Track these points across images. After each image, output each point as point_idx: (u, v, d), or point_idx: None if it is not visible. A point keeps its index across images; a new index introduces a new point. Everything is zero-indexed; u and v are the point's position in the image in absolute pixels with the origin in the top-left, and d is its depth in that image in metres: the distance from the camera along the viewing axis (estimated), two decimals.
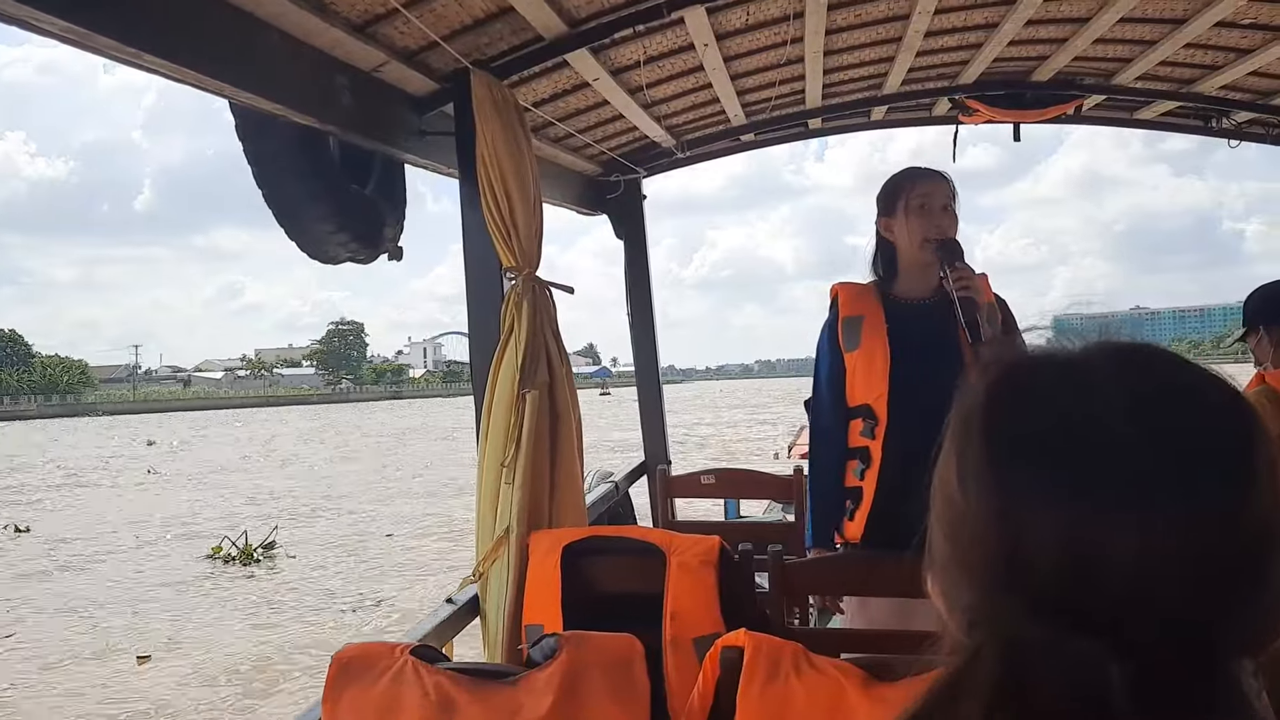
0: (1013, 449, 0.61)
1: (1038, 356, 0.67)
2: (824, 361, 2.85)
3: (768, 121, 4.52)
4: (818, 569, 2.72)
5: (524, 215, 2.80)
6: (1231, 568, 0.56)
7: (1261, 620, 0.58)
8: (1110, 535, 0.56)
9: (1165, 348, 0.65)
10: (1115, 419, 0.59)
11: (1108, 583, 0.55)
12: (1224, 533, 0.56)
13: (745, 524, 5.50)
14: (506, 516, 2.78)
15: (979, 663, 0.59)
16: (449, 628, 2.64)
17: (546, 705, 1.71)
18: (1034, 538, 0.57)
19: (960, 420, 0.66)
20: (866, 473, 2.73)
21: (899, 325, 2.75)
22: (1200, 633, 0.56)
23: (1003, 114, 4.29)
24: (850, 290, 2.86)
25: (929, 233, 2.71)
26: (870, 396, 2.73)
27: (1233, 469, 0.58)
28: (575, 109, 3.75)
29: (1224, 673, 0.57)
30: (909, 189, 2.76)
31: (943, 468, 0.66)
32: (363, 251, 2.97)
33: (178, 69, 2.01)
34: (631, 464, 5.02)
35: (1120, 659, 0.54)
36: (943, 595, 0.67)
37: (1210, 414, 0.60)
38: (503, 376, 2.82)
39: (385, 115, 2.86)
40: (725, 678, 1.68)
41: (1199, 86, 4.09)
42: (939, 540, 0.66)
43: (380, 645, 1.87)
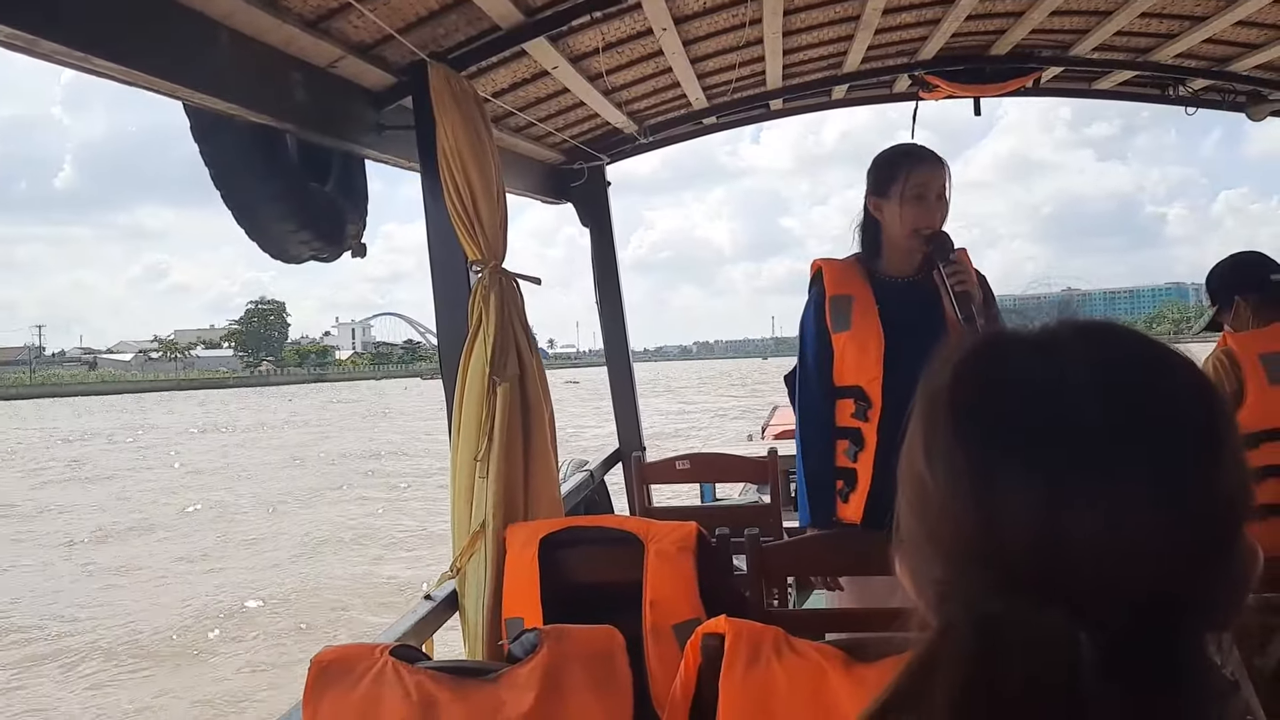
0: (981, 426, 0.62)
1: (1003, 335, 0.67)
2: (810, 341, 2.81)
3: (729, 104, 4.51)
4: (794, 550, 2.73)
5: (487, 207, 2.78)
6: (1198, 540, 0.57)
7: (1227, 592, 0.59)
8: (1080, 510, 0.56)
9: (1127, 325, 0.66)
10: (1083, 395, 0.59)
11: (1077, 556, 0.56)
12: (1191, 506, 0.57)
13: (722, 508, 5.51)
14: (482, 510, 2.76)
15: (950, 638, 0.59)
16: (428, 624, 2.63)
17: (529, 701, 1.71)
18: (1004, 513, 0.58)
19: (926, 399, 0.66)
20: (860, 455, 2.71)
21: (888, 306, 2.72)
22: (1168, 603, 0.56)
23: (963, 89, 4.30)
24: (835, 268, 2.81)
25: (921, 223, 2.66)
26: (863, 379, 2.71)
27: (1198, 445, 0.59)
28: (535, 98, 3.72)
29: (1191, 645, 0.58)
30: (906, 174, 2.68)
31: (909, 447, 0.67)
32: (326, 250, 2.94)
33: (127, 72, 1.98)
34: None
35: (1089, 629, 0.55)
36: (911, 573, 0.68)
37: (1176, 389, 0.61)
38: (473, 370, 2.81)
39: (342, 111, 2.83)
40: (707, 665, 1.68)
41: (1155, 55, 4.12)
42: (907, 518, 0.67)
43: (359, 647, 1.85)
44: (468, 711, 1.72)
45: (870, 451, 2.69)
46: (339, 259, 3.01)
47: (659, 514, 4.24)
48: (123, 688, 8.86)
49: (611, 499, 4.84)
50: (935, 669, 0.59)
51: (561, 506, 3.14)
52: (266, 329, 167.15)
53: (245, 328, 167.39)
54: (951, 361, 0.66)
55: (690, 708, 1.70)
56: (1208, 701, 0.58)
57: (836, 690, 1.59)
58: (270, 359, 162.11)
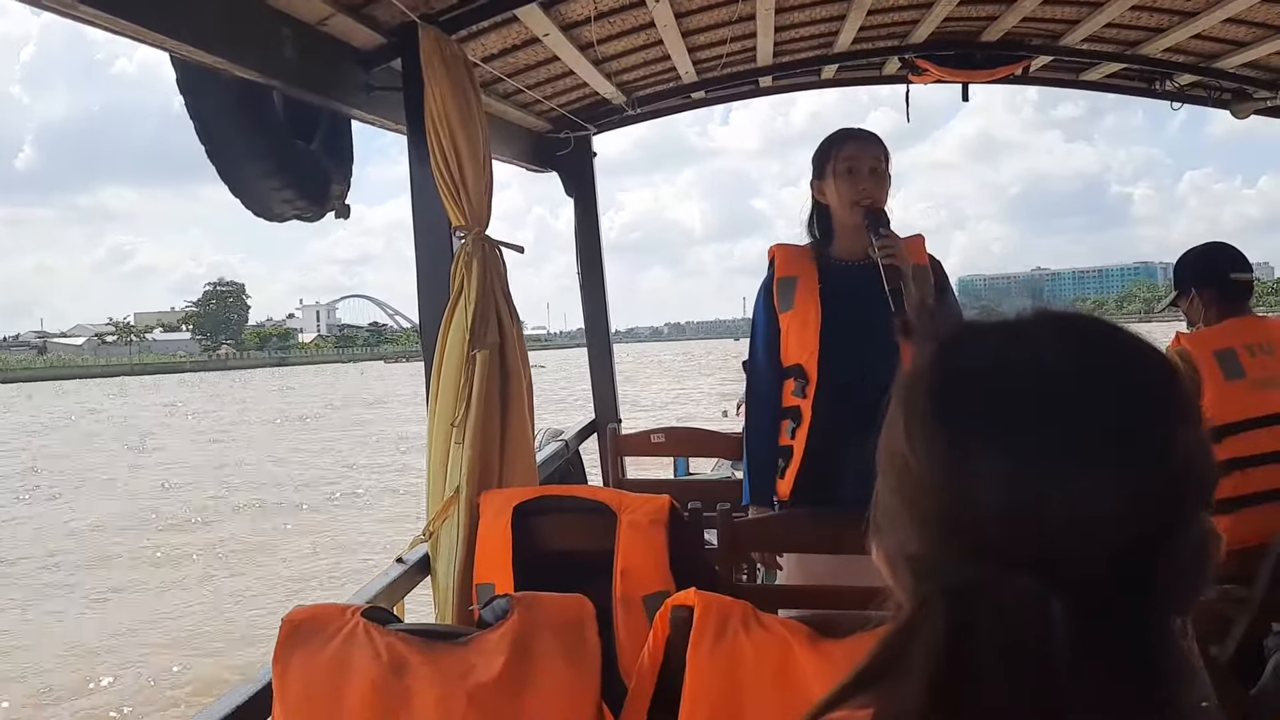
0: (960, 406, 0.65)
1: (980, 321, 0.71)
2: (760, 322, 2.90)
3: (718, 79, 4.49)
4: (766, 526, 2.76)
5: (473, 173, 2.77)
6: (1165, 511, 0.61)
7: (1191, 567, 0.62)
8: (1053, 483, 0.60)
9: (1095, 313, 0.70)
10: (1056, 376, 0.64)
11: (1050, 526, 0.59)
12: (1158, 480, 0.61)
13: (694, 482, 5.55)
14: (456, 476, 2.77)
15: (927, 612, 0.62)
16: (399, 587, 2.64)
17: (498, 665, 1.72)
18: (982, 488, 0.61)
19: (906, 385, 0.70)
20: (797, 431, 2.78)
21: (832, 286, 2.79)
22: (1137, 574, 0.60)
23: (952, 74, 4.30)
24: (786, 251, 2.90)
25: (856, 196, 2.73)
26: (802, 356, 2.78)
27: (1165, 422, 0.63)
28: (525, 65, 3.70)
29: (1160, 618, 0.61)
30: (836, 151, 2.78)
31: (890, 429, 0.70)
32: (309, 209, 2.92)
33: (115, 20, 1.95)
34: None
35: (1062, 596, 0.58)
36: (888, 554, 0.70)
37: (1142, 372, 0.65)
38: (452, 336, 2.80)
39: (331, 70, 2.80)
40: (675, 637, 1.70)
41: (1143, 49, 4.13)
42: (887, 499, 0.69)
43: (331, 607, 1.86)
44: (437, 674, 1.73)
45: (804, 427, 2.77)
46: (322, 219, 3.00)
47: (632, 486, 4.27)
48: None
49: (585, 470, 4.85)
50: (911, 642, 0.62)
51: (536, 475, 3.15)
52: (225, 311, 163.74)
53: (203, 310, 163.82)
54: (931, 346, 0.70)
55: (657, 679, 1.72)
56: (1176, 673, 0.61)
57: (803, 665, 1.62)
58: (230, 342, 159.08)
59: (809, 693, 1.58)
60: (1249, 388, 2.93)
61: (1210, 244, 3.34)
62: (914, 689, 0.61)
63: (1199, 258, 3.29)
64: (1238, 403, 2.92)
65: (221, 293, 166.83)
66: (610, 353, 5.10)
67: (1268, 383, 2.93)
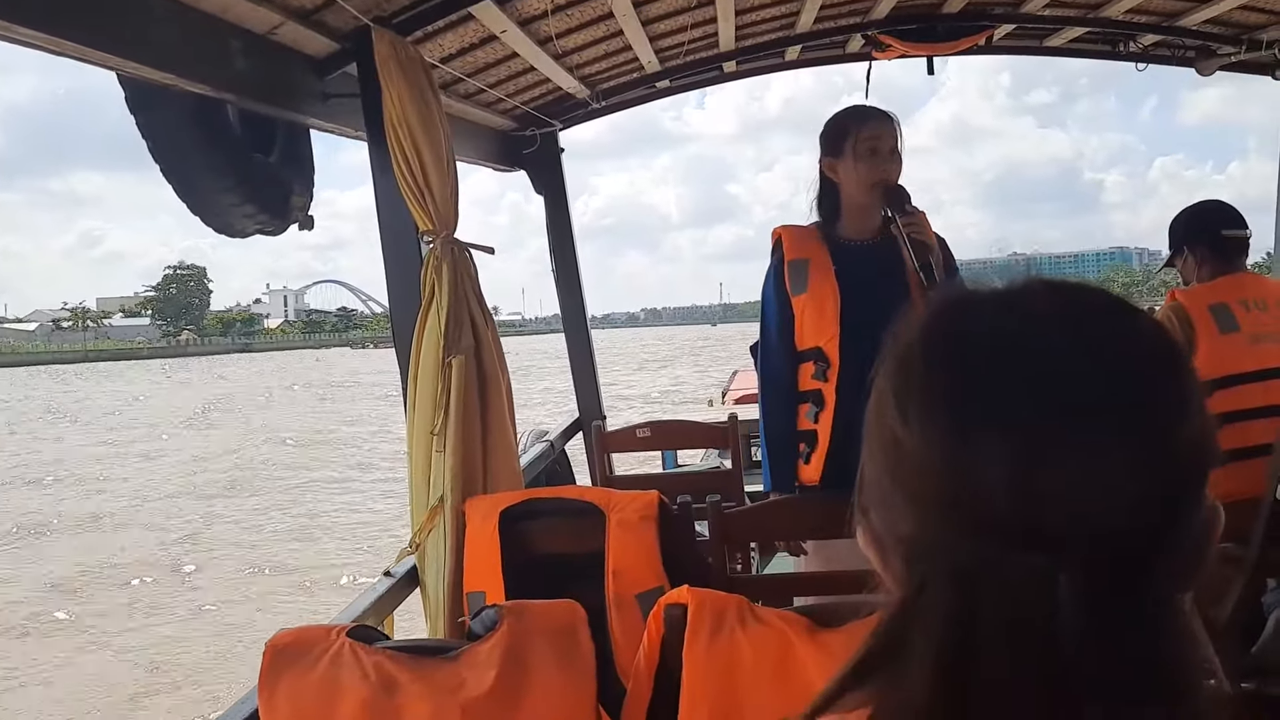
0: (956, 378, 0.62)
1: (974, 291, 0.68)
2: (771, 307, 2.83)
3: (682, 66, 4.45)
4: (756, 515, 2.73)
5: (438, 176, 2.72)
6: (1168, 484, 0.59)
7: (1194, 541, 0.60)
8: (1056, 456, 0.57)
9: (1092, 283, 0.67)
10: (1058, 347, 0.61)
11: (1053, 501, 0.57)
12: (1161, 451, 0.59)
13: (683, 475, 5.53)
14: (440, 485, 2.73)
15: (926, 595, 0.60)
16: (388, 602, 2.61)
17: (491, 678, 1.69)
18: (984, 467, 0.58)
19: (897, 357, 0.67)
20: (821, 415, 2.73)
21: (846, 267, 2.74)
22: (1142, 548, 0.58)
23: (915, 48, 4.28)
24: (793, 233, 2.84)
25: (877, 177, 2.68)
26: (821, 339, 2.73)
27: (1167, 393, 0.61)
28: (485, 63, 3.65)
29: (1165, 593, 0.59)
30: (857, 130, 2.72)
31: (879, 405, 0.67)
32: (271, 223, 2.87)
33: (56, 41, 1.90)
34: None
35: (1067, 574, 0.56)
36: (877, 537, 0.68)
37: (1144, 342, 0.63)
38: (426, 343, 2.76)
39: (284, 79, 2.74)
40: (670, 636, 1.67)
41: (1106, 11, 4.12)
42: (876, 478, 0.66)
43: (316, 629, 1.82)
44: (428, 691, 1.69)
45: (830, 411, 2.71)
46: (285, 231, 2.95)
47: (620, 482, 4.24)
48: None
49: (573, 468, 4.82)
50: (911, 627, 0.60)
51: (521, 478, 3.11)
52: (187, 296, 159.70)
53: (163, 295, 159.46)
54: (921, 318, 0.67)
55: (654, 679, 1.69)
56: (1182, 649, 0.59)
57: (802, 658, 1.59)
58: (191, 328, 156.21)
59: (810, 686, 1.54)
60: (1243, 342, 2.93)
61: (1202, 202, 3.34)
62: (918, 674, 0.58)
63: (1191, 217, 3.29)
64: (1232, 357, 2.91)
65: (182, 277, 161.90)
66: (591, 349, 5.06)
67: (1262, 337, 2.94)
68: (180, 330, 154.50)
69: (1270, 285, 3.11)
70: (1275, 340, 2.93)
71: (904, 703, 0.59)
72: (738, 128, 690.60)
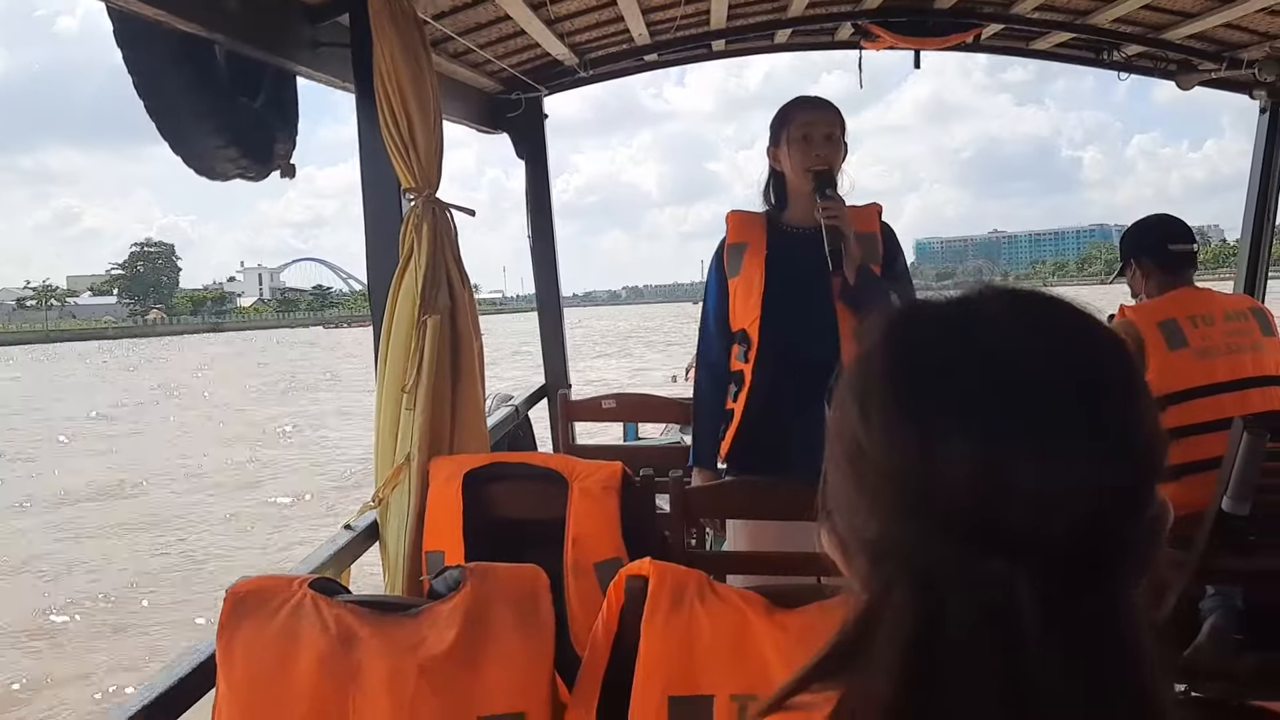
0: (920, 386, 0.64)
1: (933, 300, 0.70)
2: (711, 287, 2.94)
3: (671, 41, 4.45)
4: (718, 493, 2.77)
5: (424, 134, 2.70)
6: (1122, 485, 0.61)
7: (1147, 538, 0.63)
8: (1015, 460, 0.59)
9: (1047, 291, 0.70)
10: (1016, 354, 0.63)
11: (1013, 504, 0.59)
12: (1116, 454, 0.61)
13: (645, 448, 5.54)
14: (407, 443, 2.73)
15: (890, 597, 0.61)
16: (347, 554, 2.61)
17: (450, 637, 1.70)
18: (945, 468, 0.60)
19: (860, 363, 0.68)
20: (739, 394, 2.83)
21: (780, 252, 2.82)
22: (1099, 548, 0.60)
23: (904, 40, 4.29)
24: (739, 218, 2.93)
25: (810, 163, 2.75)
26: (746, 321, 2.82)
27: (1120, 397, 0.63)
28: (476, 23, 3.62)
29: (1121, 590, 0.61)
30: (793, 119, 2.80)
31: (840, 410, 0.68)
32: (253, 168, 2.83)
33: None
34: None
35: (1029, 570, 0.58)
36: (842, 538, 0.69)
37: (1096, 347, 0.65)
38: (402, 301, 2.75)
39: (276, 24, 2.71)
40: (629, 608, 1.70)
41: (1093, 19, 4.15)
42: (839, 482, 0.68)
43: (277, 579, 1.83)
44: (387, 646, 1.71)
45: (745, 390, 2.82)
46: (266, 178, 2.92)
47: (582, 451, 4.26)
48: None
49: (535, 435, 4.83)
50: (875, 628, 0.62)
51: (488, 441, 3.12)
52: (155, 274, 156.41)
53: (130, 272, 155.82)
54: (883, 325, 0.69)
55: (611, 648, 1.71)
56: (1141, 642, 0.61)
57: (759, 635, 1.62)
58: (159, 306, 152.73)
59: (765, 663, 1.58)
60: (1192, 357, 3.00)
61: (1150, 217, 3.40)
62: (882, 673, 0.60)
63: (1138, 230, 3.36)
64: (1181, 372, 2.98)
65: (150, 254, 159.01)
66: (561, 317, 5.06)
67: (1209, 352, 3.00)
68: (148, 309, 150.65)
69: (1217, 299, 3.17)
70: (1222, 355, 3.00)
71: (870, 697, 0.61)
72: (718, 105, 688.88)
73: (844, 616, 0.66)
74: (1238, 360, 3.00)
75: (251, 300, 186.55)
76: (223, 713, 1.72)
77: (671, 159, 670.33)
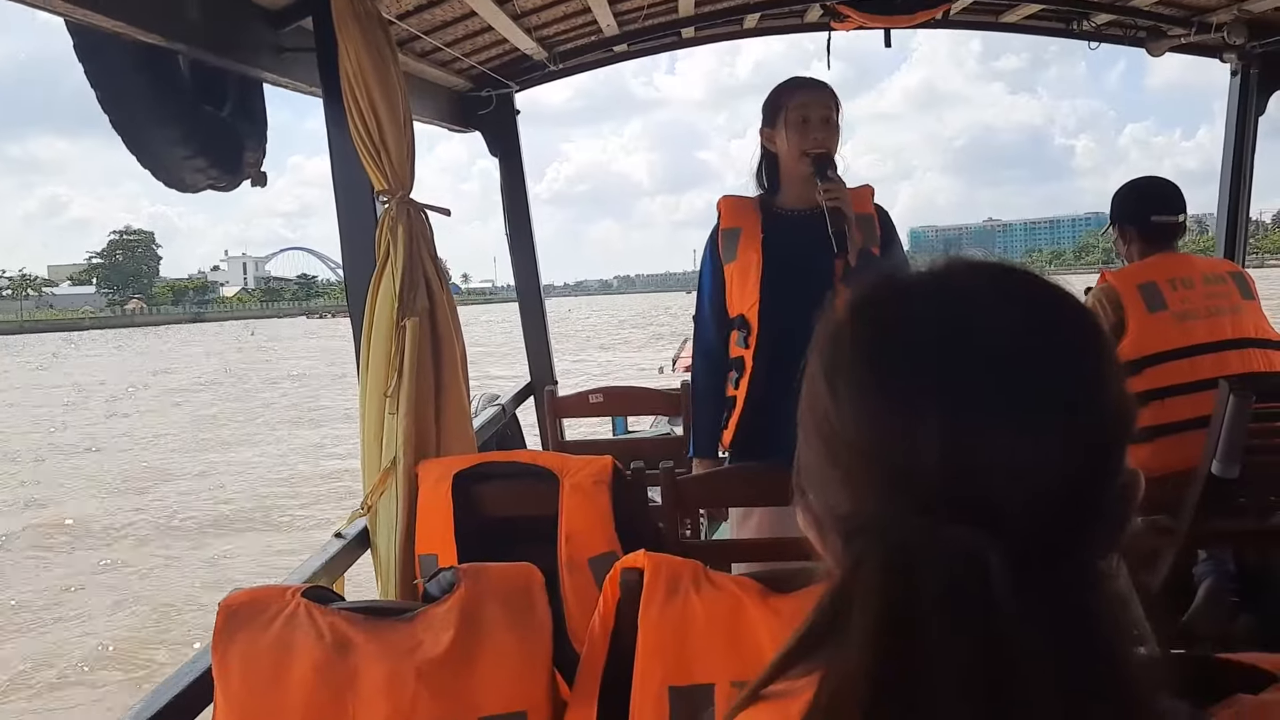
0: (886, 359, 0.64)
1: (899, 274, 0.69)
2: (706, 274, 2.90)
3: (640, 31, 4.43)
4: (709, 483, 2.75)
5: (394, 135, 2.68)
6: (1092, 454, 0.61)
7: (1118, 507, 0.64)
8: (993, 435, 0.59)
9: (1017, 263, 0.69)
10: (986, 324, 0.63)
11: (984, 475, 0.59)
12: (1085, 424, 0.61)
13: (634, 440, 5.54)
14: (393, 447, 2.72)
15: (863, 569, 0.61)
16: (339, 563, 2.59)
17: (446, 640, 1.69)
18: (916, 437, 0.60)
19: (829, 338, 0.68)
20: (740, 381, 2.81)
21: (775, 236, 2.79)
22: (1069, 517, 0.60)
23: (873, 20, 4.28)
24: (731, 203, 2.89)
25: (807, 145, 2.73)
26: (744, 306, 2.79)
27: (1089, 366, 0.64)
28: (442, 21, 3.59)
29: (1093, 559, 0.62)
30: (789, 100, 2.77)
31: (812, 387, 0.68)
32: (223, 178, 2.81)
33: None
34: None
35: (1001, 539, 0.58)
36: (816, 516, 0.70)
37: (1065, 316, 0.66)
38: (380, 304, 2.73)
39: (239, 31, 2.68)
40: (626, 599, 1.69)
41: None
42: (812, 458, 0.68)
43: (270, 589, 1.81)
44: (384, 651, 1.69)
45: (747, 377, 2.79)
46: (237, 188, 2.89)
47: (572, 448, 4.25)
48: None
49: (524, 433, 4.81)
50: (850, 602, 0.61)
51: (474, 442, 3.10)
52: (134, 263, 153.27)
53: (109, 261, 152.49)
54: (852, 299, 0.69)
55: (610, 642, 1.70)
56: (1111, 609, 0.61)
57: (754, 621, 1.62)
58: (139, 296, 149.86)
59: (760, 648, 1.58)
60: (1171, 320, 3.01)
61: (1140, 180, 3.39)
62: (858, 646, 0.60)
63: (1128, 194, 3.36)
64: (1160, 334, 2.99)
65: (129, 242, 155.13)
66: (543, 314, 5.04)
67: (1188, 315, 3.01)
68: (128, 299, 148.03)
69: (1197, 263, 3.19)
70: (1201, 318, 3.01)
71: (847, 673, 0.61)
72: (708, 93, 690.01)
73: (821, 595, 0.65)
74: (1216, 323, 3.02)
75: (235, 290, 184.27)
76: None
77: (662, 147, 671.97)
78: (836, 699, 0.61)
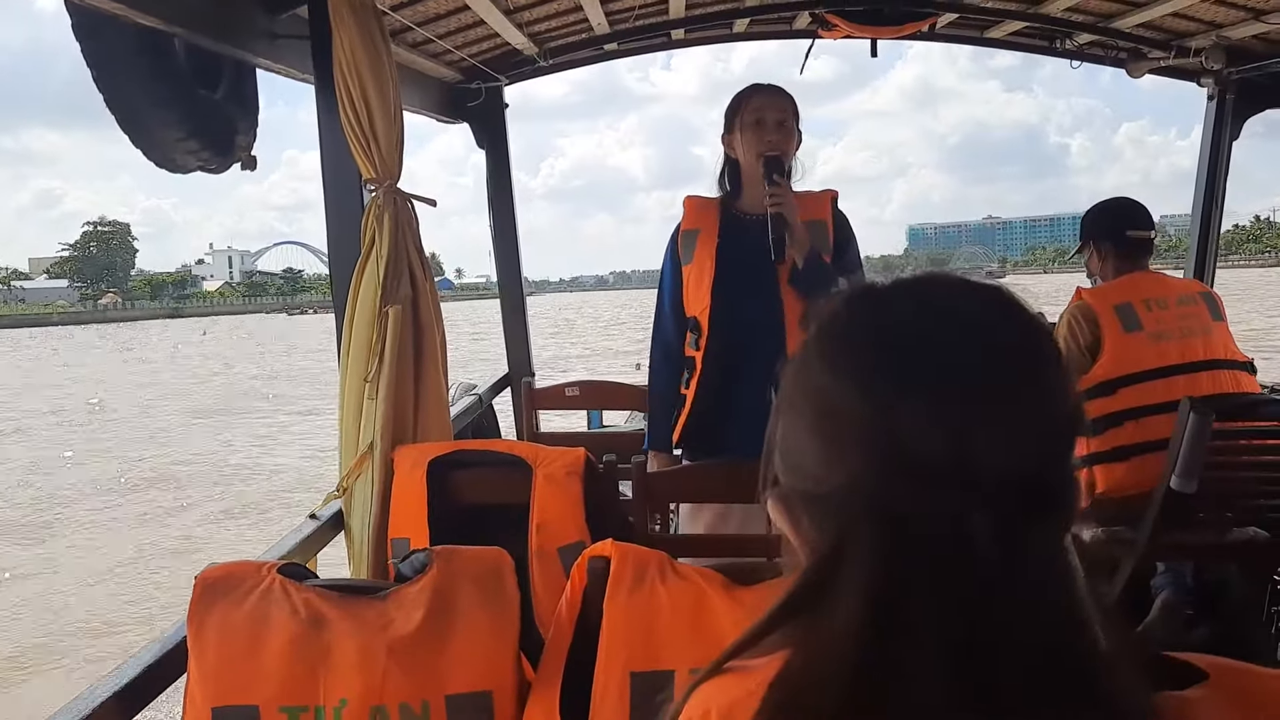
0: (884, 344, 0.72)
1: (882, 282, 0.78)
2: (666, 273, 2.99)
3: (631, 31, 4.47)
4: (678, 477, 2.81)
5: (384, 124, 2.72)
6: (1060, 442, 0.71)
7: (1069, 489, 0.71)
8: (983, 415, 0.67)
9: (966, 276, 0.78)
10: (961, 328, 0.72)
11: (977, 451, 0.66)
12: (1057, 416, 0.71)
13: (608, 434, 5.57)
14: (370, 432, 2.75)
15: (853, 539, 0.68)
16: (312, 544, 2.63)
17: (418, 619, 1.74)
18: (910, 415, 0.68)
19: (826, 321, 0.76)
20: (690, 380, 2.89)
21: (731, 239, 2.86)
22: (1039, 488, 0.68)
23: (860, 29, 4.34)
24: (694, 204, 2.97)
25: (760, 149, 2.79)
26: (697, 308, 2.87)
27: (1055, 369, 0.73)
28: (435, 13, 3.63)
29: (1061, 528, 0.71)
30: (744, 104, 2.84)
31: (803, 366, 0.75)
32: (214, 160, 2.84)
33: None
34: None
35: (983, 508, 0.65)
36: (789, 502, 0.76)
37: (1026, 326, 0.74)
38: (364, 291, 2.77)
39: (234, 16, 2.71)
40: (592, 587, 1.74)
41: (1045, 8, 4.23)
42: (802, 439, 0.74)
43: (246, 564, 1.85)
44: (356, 627, 1.74)
45: (695, 377, 2.87)
46: (227, 170, 2.92)
47: (546, 439, 4.28)
48: None
49: (499, 423, 4.85)
50: (838, 567, 0.68)
51: (451, 429, 3.14)
52: (108, 255, 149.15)
53: (82, 254, 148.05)
54: (844, 295, 0.77)
55: (575, 627, 1.75)
56: (1078, 578, 0.70)
57: (717, 611, 1.67)
58: (114, 290, 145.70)
59: (723, 636, 1.63)
60: (1146, 340, 3.06)
61: (1111, 200, 3.46)
62: (846, 610, 0.67)
63: (1099, 213, 3.42)
64: (1135, 355, 3.04)
65: (103, 234, 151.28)
66: (524, 306, 5.08)
67: (1163, 335, 3.07)
68: (102, 293, 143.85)
69: (1171, 284, 3.25)
70: (1175, 339, 3.07)
71: (826, 643, 0.67)
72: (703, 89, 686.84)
73: (803, 566, 0.73)
74: (1189, 344, 3.07)
75: (217, 284, 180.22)
76: (195, 696, 1.75)
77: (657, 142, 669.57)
78: (816, 661, 0.68)
